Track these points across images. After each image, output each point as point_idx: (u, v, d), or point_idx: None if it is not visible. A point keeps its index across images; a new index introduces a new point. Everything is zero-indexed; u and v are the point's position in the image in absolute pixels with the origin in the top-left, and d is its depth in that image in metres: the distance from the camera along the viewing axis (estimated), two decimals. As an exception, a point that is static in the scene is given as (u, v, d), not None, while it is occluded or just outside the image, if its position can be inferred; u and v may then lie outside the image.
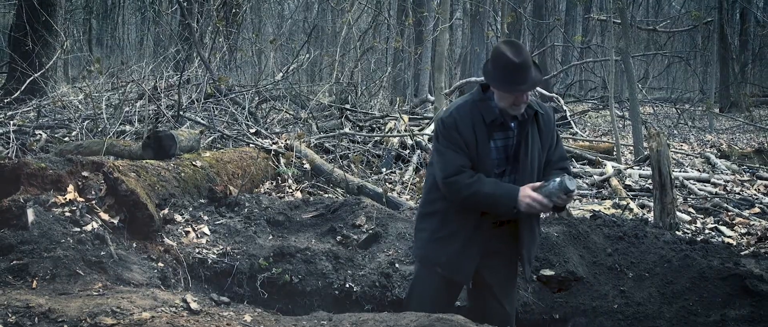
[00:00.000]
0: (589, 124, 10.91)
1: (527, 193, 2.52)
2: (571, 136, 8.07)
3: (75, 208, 3.59)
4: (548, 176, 2.62)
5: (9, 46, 9.07)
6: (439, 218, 2.75)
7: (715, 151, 7.58)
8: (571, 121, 8.85)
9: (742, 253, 3.89)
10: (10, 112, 6.25)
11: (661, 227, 4.23)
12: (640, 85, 11.16)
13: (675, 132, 9.44)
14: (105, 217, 3.64)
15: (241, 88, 7.48)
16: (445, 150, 2.65)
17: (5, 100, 7.01)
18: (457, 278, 2.78)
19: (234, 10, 9.22)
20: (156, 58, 8.52)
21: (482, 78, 2.69)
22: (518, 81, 2.50)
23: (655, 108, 10.48)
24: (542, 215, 2.86)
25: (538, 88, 10.40)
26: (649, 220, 4.39)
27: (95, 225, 3.51)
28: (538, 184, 2.57)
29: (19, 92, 6.73)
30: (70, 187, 3.77)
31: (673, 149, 7.55)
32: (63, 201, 3.65)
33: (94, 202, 3.68)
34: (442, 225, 2.74)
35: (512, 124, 2.65)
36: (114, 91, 6.59)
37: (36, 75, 6.83)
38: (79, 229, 3.42)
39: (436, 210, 2.77)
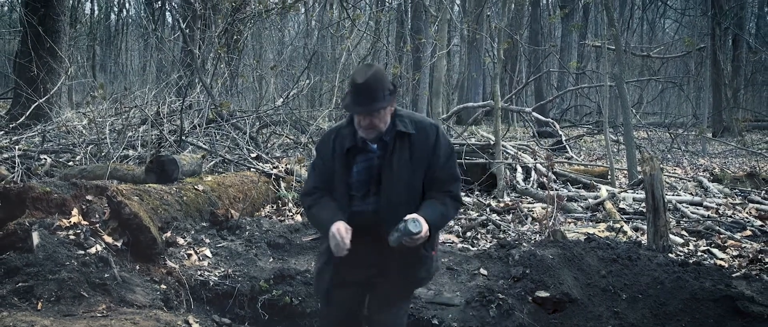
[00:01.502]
0: (584, 149, 11.03)
1: (334, 230, 2.50)
2: (566, 160, 8.17)
3: (79, 231, 3.66)
4: (421, 207, 2.57)
5: (14, 72, 9.19)
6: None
7: (708, 175, 7.67)
8: (567, 146, 8.96)
9: (734, 275, 3.96)
10: (15, 137, 6.31)
11: (654, 250, 4.29)
12: (634, 110, 11.30)
13: (668, 156, 9.55)
14: (109, 240, 3.71)
15: (243, 114, 7.59)
16: (310, 168, 2.80)
17: (11, 125, 7.09)
18: (315, 292, 2.86)
19: (235, 37, 9.37)
20: (158, 83, 8.64)
21: (480, 103, 2.76)
22: (357, 102, 2.50)
23: (649, 133, 10.61)
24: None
25: (534, 113, 10.55)
26: (643, 242, 4.46)
27: (99, 248, 3.57)
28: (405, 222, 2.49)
29: (24, 117, 6.83)
30: (75, 211, 3.85)
31: (666, 173, 7.64)
32: (67, 224, 3.71)
33: (98, 225, 3.74)
34: (322, 240, 2.78)
35: (374, 147, 2.61)
36: (117, 117, 6.68)
37: (41, 100, 6.93)
38: (83, 252, 3.48)
39: None
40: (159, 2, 15.71)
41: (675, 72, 17.67)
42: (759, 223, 5.26)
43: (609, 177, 6.80)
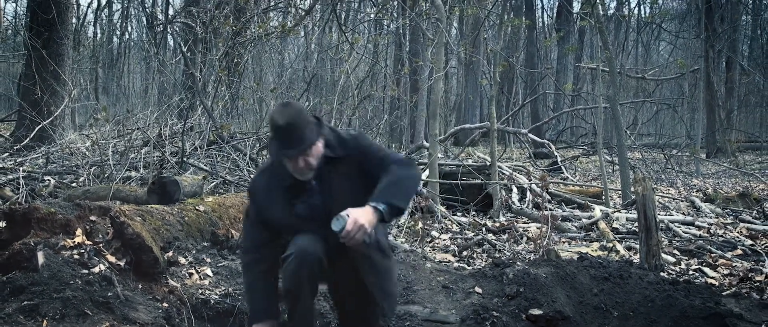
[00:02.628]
0: (580, 169, 11.15)
1: None
2: (561, 181, 8.29)
3: (83, 250, 3.73)
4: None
5: (18, 95, 9.32)
6: None
7: (701, 195, 7.78)
8: (562, 166, 9.09)
9: (724, 293, 4.04)
10: (19, 159, 6.40)
11: (646, 268, 4.38)
12: (628, 132, 11.46)
13: (662, 177, 9.67)
14: (112, 259, 3.78)
15: (243, 135, 7.69)
16: (245, 219, 2.57)
17: (15, 147, 7.19)
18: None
19: (236, 60, 9.50)
20: (160, 106, 8.76)
21: (476, 125, 2.76)
22: (286, 146, 2.31)
23: (644, 153, 10.74)
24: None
25: (530, 135, 10.69)
26: (634, 261, 4.55)
27: (103, 267, 3.65)
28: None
29: (28, 139, 6.94)
30: (79, 231, 3.93)
31: (660, 193, 7.75)
32: (72, 244, 3.79)
33: (101, 245, 3.82)
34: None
35: (313, 182, 2.44)
36: (120, 139, 6.78)
37: (45, 123, 7.04)
38: (87, 271, 3.55)
39: None
40: (161, 26, 15.93)
41: (670, 93, 17.90)
42: (749, 242, 5.36)
43: (603, 197, 6.90)
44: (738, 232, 5.66)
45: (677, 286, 3.99)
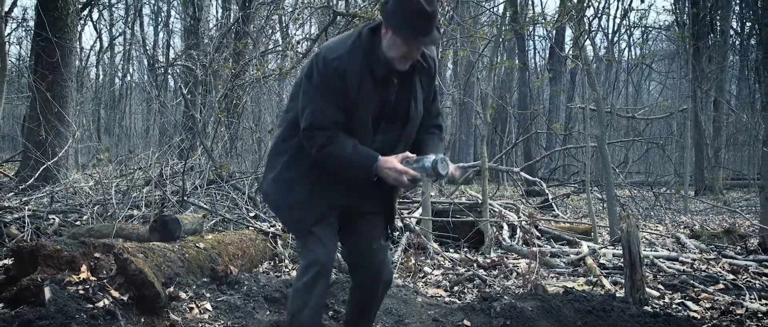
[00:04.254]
0: (571, 207, 11.36)
1: (392, 165, 2.27)
2: (552, 218, 8.48)
3: (88, 286, 3.88)
4: (423, 144, 2.43)
5: (23, 136, 9.49)
6: (287, 157, 2.45)
7: (688, 232, 7.97)
8: (553, 204, 9.29)
9: (705, 326, 4.20)
10: (25, 198, 6.56)
11: (629, 302, 4.55)
12: (619, 170, 11.70)
13: (651, 214, 9.87)
14: (115, 294, 3.93)
15: (242, 175, 7.87)
16: (318, 96, 2.29)
17: (20, 187, 7.35)
18: (296, 228, 2.49)
19: (235, 102, 9.74)
20: (161, 146, 8.96)
21: (470, 164, 2.83)
22: (424, 31, 2.22)
23: (633, 191, 10.97)
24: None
25: (522, 173, 10.94)
26: (618, 295, 4.71)
27: (107, 302, 3.79)
28: (411, 156, 2.34)
29: (33, 179, 7.10)
30: (84, 267, 4.08)
31: (649, 230, 7.94)
32: (77, 280, 3.93)
33: (105, 280, 3.97)
34: (290, 166, 2.44)
35: (395, 79, 2.38)
36: (122, 178, 6.94)
37: (49, 163, 7.22)
38: (92, 306, 3.70)
39: (287, 148, 2.47)
40: (162, 68, 16.28)
41: (659, 132, 18.28)
42: (731, 276, 5.53)
43: (592, 234, 7.09)
44: (720, 267, 5.84)
45: (658, 319, 4.15)
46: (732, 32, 19.97)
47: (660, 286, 5.22)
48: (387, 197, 2.55)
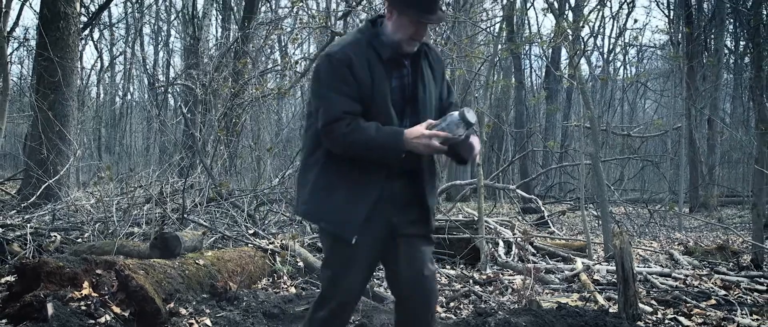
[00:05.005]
0: (566, 224, 11.44)
1: (419, 132, 2.26)
2: (548, 235, 8.57)
3: (90, 302, 3.96)
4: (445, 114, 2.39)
5: (25, 154, 9.56)
6: (318, 169, 2.41)
7: (682, 248, 8.06)
8: (549, 221, 9.38)
9: (695, 341, 4.28)
10: (27, 216, 6.64)
11: (623, 317, 4.63)
12: (614, 187, 11.82)
13: (646, 231, 9.96)
14: (117, 310, 4.00)
15: (241, 193, 7.95)
16: (329, 93, 2.29)
17: (22, 205, 7.43)
18: (343, 232, 2.37)
19: (234, 120, 9.85)
20: (161, 164, 9.04)
21: (467, 181, 2.81)
22: (429, 8, 2.26)
23: (628, 209, 11.07)
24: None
25: (518, 191, 11.04)
26: (610, 310, 4.79)
27: (108, 318, 3.87)
28: (434, 122, 2.31)
29: (35, 197, 7.18)
30: (86, 284, 4.15)
31: (643, 247, 8.03)
32: (79, 296, 4.01)
33: (107, 297, 4.05)
34: (323, 175, 2.39)
35: (406, 62, 2.39)
36: (123, 196, 7.02)
37: (51, 181, 7.31)
38: (93, 321, 3.77)
39: (315, 160, 2.43)
40: (162, 87, 16.42)
41: (654, 150, 18.44)
42: (723, 292, 5.61)
43: (586, 251, 7.18)
44: (712, 283, 5.92)
45: (649, 334, 4.24)
46: (726, 50, 20.23)
47: (653, 302, 5.30)
48: (425, 207, 2.52)
